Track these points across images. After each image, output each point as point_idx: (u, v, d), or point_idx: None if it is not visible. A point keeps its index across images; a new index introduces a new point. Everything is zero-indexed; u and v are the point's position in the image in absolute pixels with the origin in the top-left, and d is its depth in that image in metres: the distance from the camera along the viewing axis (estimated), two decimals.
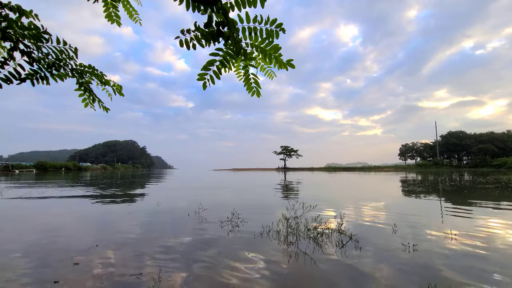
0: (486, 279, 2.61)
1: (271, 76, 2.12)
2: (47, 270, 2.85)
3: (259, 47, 1.84)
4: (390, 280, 2.59)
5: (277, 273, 2.74)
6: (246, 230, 4.47)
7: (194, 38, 1.68)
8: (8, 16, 1.83)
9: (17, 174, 41.73)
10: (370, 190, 12.53)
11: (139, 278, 2.63)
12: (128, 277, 2.64)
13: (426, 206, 7.28)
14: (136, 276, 2.66)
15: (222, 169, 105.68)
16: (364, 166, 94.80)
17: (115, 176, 30.55)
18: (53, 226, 4.90)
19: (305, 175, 34.29)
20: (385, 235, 4.15)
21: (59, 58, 2.07)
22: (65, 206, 7.49)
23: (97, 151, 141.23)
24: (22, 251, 3.48)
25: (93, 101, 2.31)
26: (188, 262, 3.04)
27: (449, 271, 2.78)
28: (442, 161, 71.50)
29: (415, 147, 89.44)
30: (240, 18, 1.65)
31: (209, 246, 3.64)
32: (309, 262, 3.02)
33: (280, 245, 3.65)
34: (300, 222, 4.65)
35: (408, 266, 2.93)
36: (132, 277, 2.64)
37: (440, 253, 3.33)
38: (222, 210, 6.38)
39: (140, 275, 2.68)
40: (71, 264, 3.00)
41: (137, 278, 2.62)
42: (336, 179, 23.27)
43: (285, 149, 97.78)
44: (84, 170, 69.17)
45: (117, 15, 2.48)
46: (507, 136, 69.59)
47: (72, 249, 3.54)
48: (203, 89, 1.83)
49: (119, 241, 3.88)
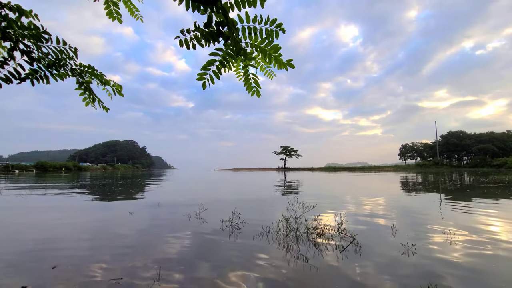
0: (487, 279, 2.61)
1: (270, 76, 2.12)
2: (47, 269, 2.85)
3: (259, 47, 1.84)
4: (390, 282, 2.59)
5: (277, 275, 2.74)
6: (246, 230, 4.47)
7: (194, 38, 1.69)
8: (8, 16, 1.83)
9: (17, 174, 41.73)
10: (370, 190, 12.53)
11: (139, 278, 2.63)
12: (127, 277, 2.64)
13: (426, 206, 7.28)
14: (135, 276, 2.66)
15: (222, 169, 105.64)
16: (364, 166, 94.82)
17: (115, 176, 30.54)
18: (53, 226, 4.90)
19: (305, 175, 34.28)
20: (385, 235, 4.15)
21: (59, 58, 2.07)
22: (65, 205, 7.49)
23: (97, 151, 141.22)
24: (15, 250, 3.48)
25: (93, 101, 2.31)
26: (188, 263, 3.04)
27: (451, 274, 2.78)
28: (442, 161, 71.49)
29: (415, 147, 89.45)
30: (240, 18, 1.66)
31: (210, 247, 3.64)
32: (308, 265, 3.02)
33: (280, 246, 3.65)
34: (300, 222, 4.65)
35: (409, 268, 2.93)
36: (132, 277, 2.64)
37: (442, 255, 3.32)
38: (222, 210, 6.38)
39: (139, 275, 2.68)
40: (61, 265, 3.00)
41: (137, 278, 2.62)
42: (336, 179, 23.27)
43: (285, 149, 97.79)
44: (84, 170, 69.16)
45: (118, 12, 2.49)
46: (507, 136, 69.58)
47: (68, 248, 3.54)
48: (203, 89, 1.83)
49: (118, 241, 3.88)
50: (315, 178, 24.17)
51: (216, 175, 35.76)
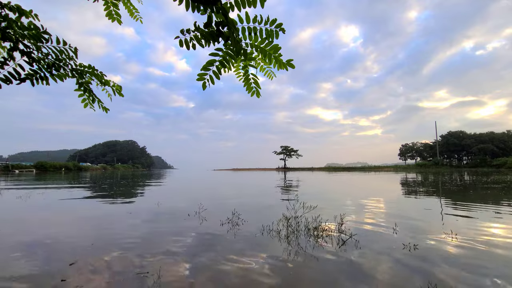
0: (487, 279, 2.61)
1: (270, 76, 2.12)
2: (47, 269, 2.85)
3: (259, 47, 1.84)
4: (390, 279, 2.59)
5: (278, 274, 2.74)
6: (246, 230, 4.47)
7: (194, 38, 1.68)
8: (8, 16, 1.83)
9: (17, 174, 41.73)
10: (370, 189, 12.52)
11: (139, 277, 2.62)
12: (127, 277, 2.64)
13: (427, 206, 7.27)
14: (135, 276, 2.66)
15: (222, 169, 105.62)
16: (364, 166, 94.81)
17: (115, 176, 30.54)
18: (52, 225, 4.90)
19: (305, 175, 34.27)
20: (386, 235, 4.14)
21: (59, 58, 2.07)
22: (65, 205, 7.48)
23: (97, 151, 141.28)
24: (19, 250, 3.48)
25: (93, 102, 2.31)
26: (188, 262, 3.03)
27: (450, 271, 2.78)
28: (442, 161, 71.49)
29: (415, 147, 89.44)
30: (240, 18, 1.65)
31: (210, 246, 3.64)
32: (309, 263, 3.02)
33: (280, 245, 3.65)
34: (300, 221, 4.65)
35: (408, 268, 2.93)
36: (131, 277, 2.64)
37: (442, 254, 3.33)
38: (222, 210, 6.37)
39: (139, 275, 2.68)
40: (67, 264, 2.99)
41: (137, 278, 2.62)
42: (335, 178, 23.25)
43: (285, 149, 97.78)
44: (84, 170, 69.14)
45: (118, 13, 2.48)
46: (507, 136, 69.58)
47: (68, 248, 3.54)
48: (203, 89, 1.83)
49: (118, 241, 3.88)
50: (314, 178, 24.16)
51: (215, 175, 35.73)
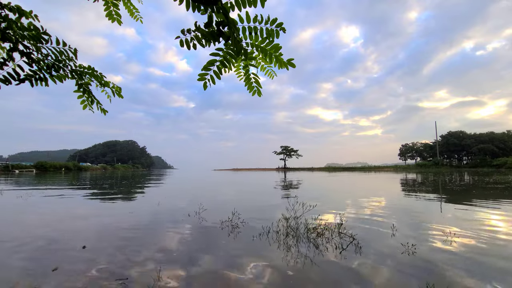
0: (487, 279, 2.60)
1: (271, 76, 2.11)
2: (48, 268, 2.84)
3: (259, 47, 1.83)
4: (390, 281, 2.59)
5: (277, 275, 2.74)
6: (246, 230, 4.47)
7: (195, 38, 1.68)
8: (8, 16, 1.82)
9: (17, 174, 41.72)
10: (370, 189, 12.51)
11: (138, 278, 2.62)
12: (127, 277, 2.63)
13: (427, 206, 7.27)
14: (135, 276, 2.65)
15: (222, 169, 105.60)
16: (364, 166, 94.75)
17: (115, 176, 30.53)
18: (52, 225, 4.89)
19: (305, 175, 34.27)
20: (386, 236, 4.14)
21: (58, 59, 2.06)
22: (65, 205, 7.48)
23: (97, 151, 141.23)
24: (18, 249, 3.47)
25: (92, 103, 2.30)
26: (188, 263, 3.03)
27: (450, 272, 2.78)
28: (442, 161, 71.48)
29: (415, 147, 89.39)
30: (240, 18, 1.65)
31: (210, 246, 3.63)
32: (309, 264, 3.02)
33: (280, 246, 3.65)
34: (300, 222, 4.65)
35: (408, 267, 2.92)
36: (131, 277, 2.63)
37: (442, 255, 3.32)
38: (222, 210, 6.37)
39: (139, 275, 2.68)
40: (66, 263, 2.99)
41: (136, 278, 2.61)
42: (335, 179, 23.25)
43: (285, 149, 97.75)
44: (84, 170, 69.12)
45: (118, 13, 2.47)
46: (507, 136, 69.56)
47: (68, 248, 3.53)
48: (204, 89, 1.82)
49: (118, 240, 3.87)
50: (314, 178, 24.16)
51: (216, 176, 35.72)
